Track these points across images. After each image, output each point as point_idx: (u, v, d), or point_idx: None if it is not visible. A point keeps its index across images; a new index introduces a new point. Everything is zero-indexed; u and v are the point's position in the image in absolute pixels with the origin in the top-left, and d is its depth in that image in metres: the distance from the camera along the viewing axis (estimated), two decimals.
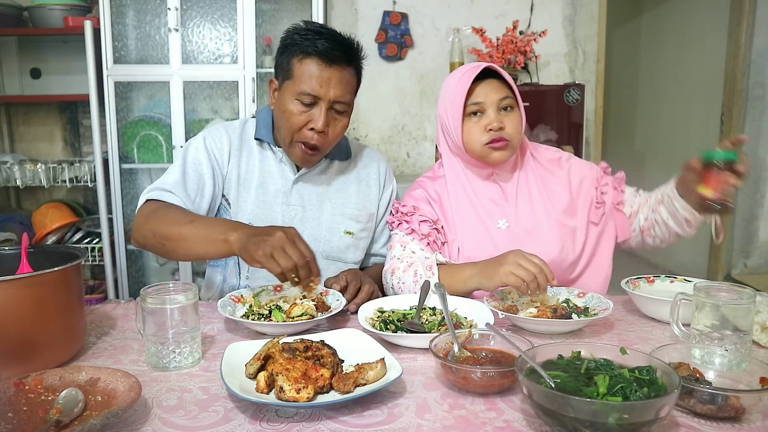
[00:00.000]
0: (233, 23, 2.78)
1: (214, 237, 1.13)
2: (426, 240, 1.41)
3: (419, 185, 1.51)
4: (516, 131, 1.35)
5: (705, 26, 4.07)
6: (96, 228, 2.96)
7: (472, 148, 1.37)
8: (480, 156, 1.38)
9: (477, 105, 1.35)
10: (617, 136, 5.33)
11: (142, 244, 1.28)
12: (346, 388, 0.84)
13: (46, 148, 3.27)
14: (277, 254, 1.04)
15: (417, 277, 1.30)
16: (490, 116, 1.34)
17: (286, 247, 1.04)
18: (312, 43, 1.28)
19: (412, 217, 1.43)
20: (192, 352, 0.99)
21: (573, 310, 1.19)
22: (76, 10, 2.93)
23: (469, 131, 1.37)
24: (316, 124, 1.30)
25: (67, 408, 0.78)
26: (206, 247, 1.15)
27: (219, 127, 1.46)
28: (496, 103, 1.34)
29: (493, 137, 1.34)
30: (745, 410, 0.78)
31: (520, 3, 3.37)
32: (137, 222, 1.28)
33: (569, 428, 0.71)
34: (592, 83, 3.44)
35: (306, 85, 1.29)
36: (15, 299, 0.89)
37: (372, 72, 3.42)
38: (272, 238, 1.04)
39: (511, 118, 1.35)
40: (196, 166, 1.38)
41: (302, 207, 1.45)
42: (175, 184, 1.33)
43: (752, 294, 0.96)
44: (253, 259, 1.06)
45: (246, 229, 1.12)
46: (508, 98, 1.35)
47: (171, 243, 1.20)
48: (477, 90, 1.35)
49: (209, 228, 1.16)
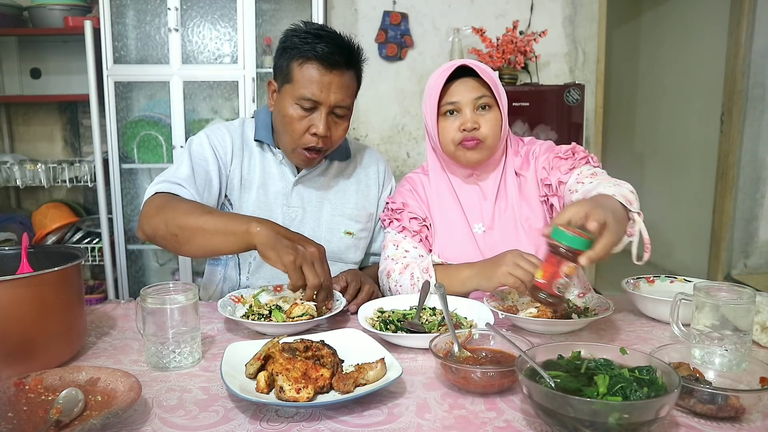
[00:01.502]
0: (233, 23, 2.78)
1: (235, 228, 1.08)
2: (418, 237, 1.41)
3: (408, 180, 1.51)
4: (492, 131, 1.32)
5: (705, 26, 4.07)
6: (96, 228, 2.96)
7: (447, 147, 1.36)
8: (453, 156, 1.36)
9: (452, 104, 1.33)
10: (617, 136, 5.33)
11: (151, 235, 1.21)
12: (346, 388, 0.84)
13: (46, 148, 3.27)
14: (307, 268, 1.03)
15: (414, 279, 1.30)
16: (466, 115, 1.32)
17: (316, 265, 1.04)
18: (312, 47, 1.26)
19: (401, 214, 1.43)
20: (192, 352, 0.99)
21: (573, 310, 1.19)
22: (76, 10, 2.93)
23: (444, 130, 1.35)
24: (318, 129, 1.29)
25: (67, 408, 0.78)
26: (223, 239, 1.10)
27: (221, 127, 1.45)
28: (471, 102, 1.31)
29: (465, 137, 1.31)
30: (745, 410, 0.78)
31: (520, 3, 3.37)
32: (147, 212, 1.22)
33: (569, 428, 0.71)
34: (592, 83, 3.44)
35: (306, 90, 1.28)
36: (15, 299, 0.89)
37: (372, 72, 3.42)
38: (307, 251, 1.04)
39: (487, 117, 1.32)
40: (202, 163, 1.37)
41: (302, 209, 1.45)
42: (187, 178, 1.31)
43: (752, 294, 0.96)
44: (279, 260, 1.03)
45: (273, 225, 1.08)
46: (485, 97, 1.32)
47: (185, 233, 1.14)
48: (452, 89, 1.32)
49: (229, 219, 1.13)
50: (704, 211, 3.94)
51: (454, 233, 1.41)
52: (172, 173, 1.32)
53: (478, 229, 1.40)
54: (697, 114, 4.17)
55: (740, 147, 3.63)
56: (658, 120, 4.79)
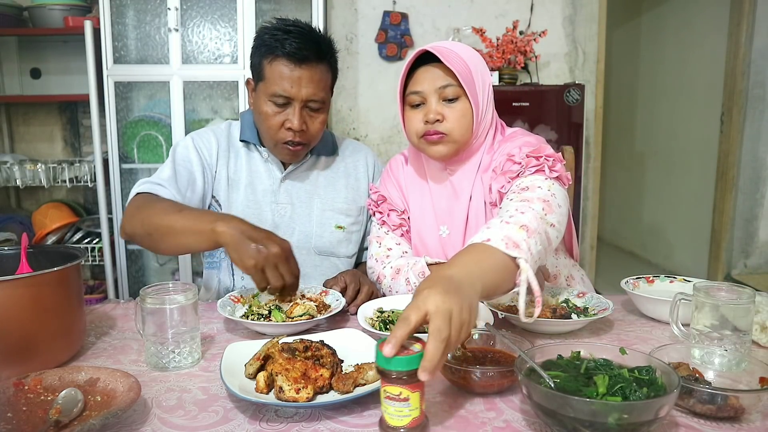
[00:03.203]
0: (233, 23, 2.78)
1: (201, 227, 1.06)
2: (399, 231, 1.38)
3: (391, 163, 1.45)
4: (458, 124, 1.20)
5: (705, 26, 4.07)
6: (96, 228, 2.96)
7: (412, 140, 1.27)
8: (419, 149, 1.28)
9: (416, 94, 1.22)
10: (617, 136, 5.33)
11: (131, 235, 1.23)
12: (345, 388, 0.84)
13: (46, 148, 3.27)
14: (269, 270, 1.00)
15: (410, 286, 1.28)
16: (430, 106, 1.21)
17: (280, 265, 1.01)
18: (281, 44, 1.28)
19: (382, 206, 1.40)
20: (191, 352, 0.99)
21: (572, 310, 1.18)
22: (76, 10, 2.93)
23: (409, 120, 1.26)
24: (292, 124, 1.31)
25: (67, 408, 0.78)
26: (193, 238, 1.09)
27: (206, 130, 1.48)
28: (436, 92, 1.20)
29: (428, 129, 1.21)
30: (744, 410, 0.78)
31: (520, 3, 3.37)
32: (127, 213, 1.25)
33: (569, 428, 0.71)
34: (592, 83, 3.44)
35: (277, 86, 1.29)
36: (15, 299, 0.89)
37: (372, 72, 3.42)
38: (269, 253, 1.00)
39: (453, 109, 1.20)
40: (186, 163, 1.40)
41: (291, 205, 1.46)
42: (168, 178, 1.34)
43: (752, 294, 0.96)
44: (242, 262, 1.01)
45: (238, 223, 1.04)
46: (451, 87, 1.19)
47: (159, 233, 1.14)
48: (417, 76, 1.22)
49: (198, 218, 1.11)
50: (704, 211, 3.94)
51: (422, 231, 1.36)
52: (155, 175, 1.35)
53: (443, 232, 1.32)
54: (697, 114, 4.17)
55: (740, 147, 3.63)
56: (658, 120, 4.79)
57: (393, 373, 0.72)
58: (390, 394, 0.73)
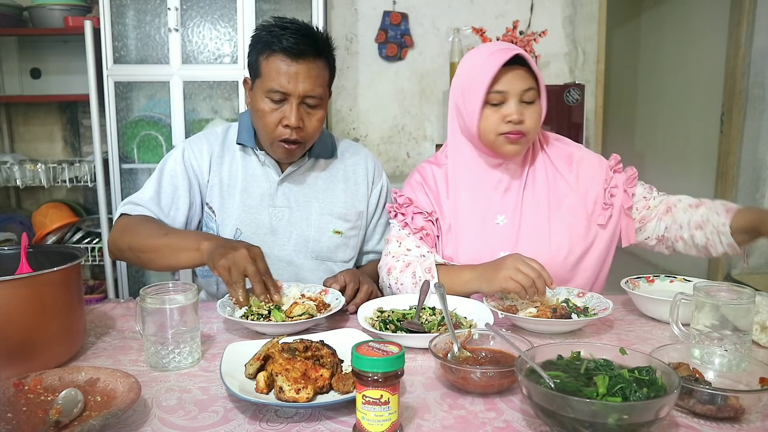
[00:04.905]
0: (233, 23, 2.78)
1: (187, 246, 1.22)
2: (420, 234, 1.39)
3: (418, 171, 1.47)
4: (534, 126, 1.29)
5: (705, 26, 4.07)
6: (96, 228, 2.96)
7: (487, 137, 1.30)
8: (492, 146, 1.32)
9: (500, 94, 1.27)
10: (617, 136, 5.32)
11: (118, 256, 1.35)
12: (345, 388, 0.84)
13: (46, 148, 3.27)
14: (234, 269, 1.11)
15: (416, 279, 1.29)
16: (511, 107, 1.26)
17: (248, 266, 1.11)
18: (277, 40, 1.28)
19: (407, 209, 1.40)
20: (191, 352, 0.99)
21: (572, 310, 1.18)
22: (76, 10, 2.93)
23: (486, 118, 1.29)
24: (289, 120, 1.31)
25: (67, 408, 0.78)
26: (179, 256, 1.23)
27: (200, 136, 1.48)
28: (519, 94, 1.27)
29: (511, 129, 1.27)
30: (744, 410, 0.78)
31: (520, 3, 3.37)
32: (113, 236, 1.34)
33: (569, 429, 0.71)
34: (592, 83, 3.44)
35: (274, 82, 1.29)
36: (15, 299, 0.89)
37: (372, 72, 3.42)
38: (236, 253, 1.11)
39: (531, 111, 1.28)
40: (171, 179, 1.41)
41: (289, 208, 1.45)
42: (149, 199, 1.39)
43: (752, 294, 0.96)
44: (214, 267, 1.13)
45: (215, 239, 1.21)
46: (532, 90, 1.28)
47: (147, 255, 1.27)
48: (502, 77, 1.26)
49: (183, 239, 1.25)
50: None
51: (474, 224, 1.37)
52: (137, 194, 1.41)
53: (500, 221, 1.37)
54: (697, 114, 4.17)
55: (740, 147, 3.62)
56: (658, 120, 4.79)
57: (376, 375, 0.71)
58: (370, 398, 0.72)
